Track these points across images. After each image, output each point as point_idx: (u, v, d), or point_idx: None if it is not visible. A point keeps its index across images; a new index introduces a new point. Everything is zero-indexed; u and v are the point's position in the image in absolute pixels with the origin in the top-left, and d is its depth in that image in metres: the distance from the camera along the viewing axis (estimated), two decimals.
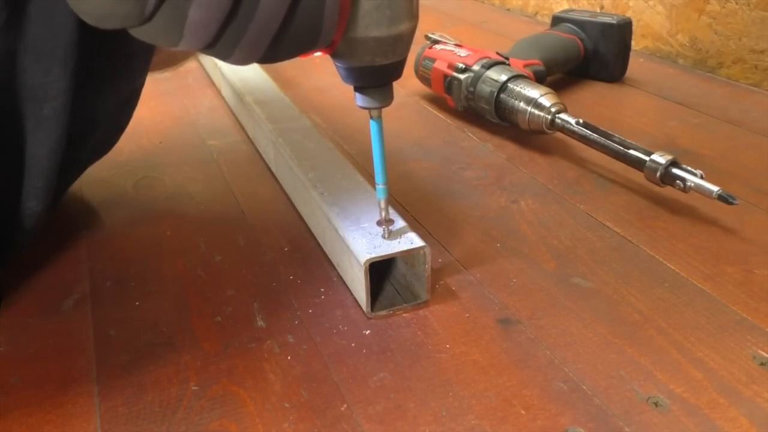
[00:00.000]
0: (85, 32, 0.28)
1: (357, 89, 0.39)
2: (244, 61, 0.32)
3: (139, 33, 0.29)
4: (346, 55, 0.37)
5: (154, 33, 0.28)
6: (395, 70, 0.39)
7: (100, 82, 0.47)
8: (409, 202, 0.57)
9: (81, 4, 0.27)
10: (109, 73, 0.48)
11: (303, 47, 0.34)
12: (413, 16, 0.37)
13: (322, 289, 0.46)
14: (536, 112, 0.63)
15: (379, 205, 0.43)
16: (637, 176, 0.56)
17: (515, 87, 0.65)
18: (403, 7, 0.36)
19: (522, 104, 0.64)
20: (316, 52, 0.36)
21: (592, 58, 0.81)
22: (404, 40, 0.37)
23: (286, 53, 0.34)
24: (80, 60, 0.41)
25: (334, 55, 0.37)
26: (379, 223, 0.43)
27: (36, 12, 0.39)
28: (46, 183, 0.43)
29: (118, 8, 0.26)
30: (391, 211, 0.45)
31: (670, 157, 0.53)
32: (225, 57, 0.32)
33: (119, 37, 0.29)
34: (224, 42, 0.30)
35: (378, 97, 0.39)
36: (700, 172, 0.51)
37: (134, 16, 0.27)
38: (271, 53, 0.33)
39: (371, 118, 0.41)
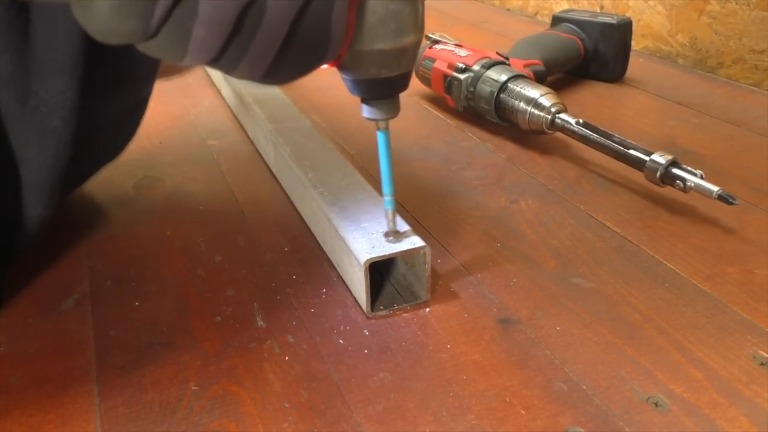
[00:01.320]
0: (90, 41, 0.29)
1: (363, 101, 0.40)
2: (249, 75, 0.32)
3: (145, 48, 0.29)
4: (351, 67, 0.37)
5: (160, 48, 0.29)
6: (401, 82, 0.39)
7: (105, 88, 0.47)
8: (409, 202, 0.57)
9: (87, 21, 0.27)
10: (113, 80, 0.48)
11: (310, 62, 0.34)
12: (418, 29, 0.37)
13: (323, 289, 0.46)
14: (536, 112, 0.63)
15: (387, 216, 0.43)
16: (637, 176, 0.56)
17: (515, 87, 0.65)
18: (408, 21, 0.36)
19: (522, 104, 0.64)
20: (322, 65, 0.36)
21: (592, 58, 0.81)
22: (409, 53, 0.37)
23: (293, 68, 0.34)
24: (85, 68, 0.41)
25: (340, 68, 0.37)
26: (386, 235, 0.43)
27: (39, 22, 0.39)
28: (52, 190, 0.43)
29: (123, 26, 0.27)
30: None
31: (670, 157, 0.53)
32: (230, 71, 0.32)
33: (123, 47, 0.30)
34: (228, 56, 0.31)
35: (384, 109, 0.39)
36: (700, 172, 0.51)
37: (139, 33, 0.28)
38: (276, 69, 0.33)
39: (378, 129, 0.41)
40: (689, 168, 0.52)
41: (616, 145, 0.57)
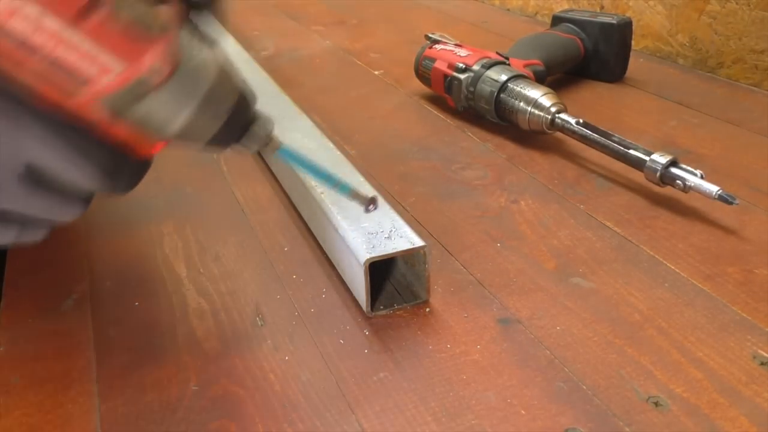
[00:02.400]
0: None
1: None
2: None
3: None
4: (187, 144, 0.33)
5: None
6: (237, 118, 0.33)
7: None
8: (409, 202, 0.57)
9: None
10: None
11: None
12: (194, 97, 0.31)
13: (323, 289, 0.46)
14: (536, 112, 0.63)
15: (351, 197, 0.38)
16: (637, 176, 0.56)
17: (515, 87, 0.65)
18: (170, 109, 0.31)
19: (522, 104, 0.64)
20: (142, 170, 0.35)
21: (592, 58, 0.81)
22: (212, 105, 0.31)
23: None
24: None
25: (185, 145, 0.34)
26: (367, 210, 0.39)
27: None
28: None
29: None
30: (391, 210, 0.45)
31: (670, 157, 0.53)
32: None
33: None
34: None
35: (255, 138, 0.35)
36: (700, 172, 0.51)
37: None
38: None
39: (274, 150, 0.36)
40: (689, 168, 0.52)
41: (616, 145, 0.57)
